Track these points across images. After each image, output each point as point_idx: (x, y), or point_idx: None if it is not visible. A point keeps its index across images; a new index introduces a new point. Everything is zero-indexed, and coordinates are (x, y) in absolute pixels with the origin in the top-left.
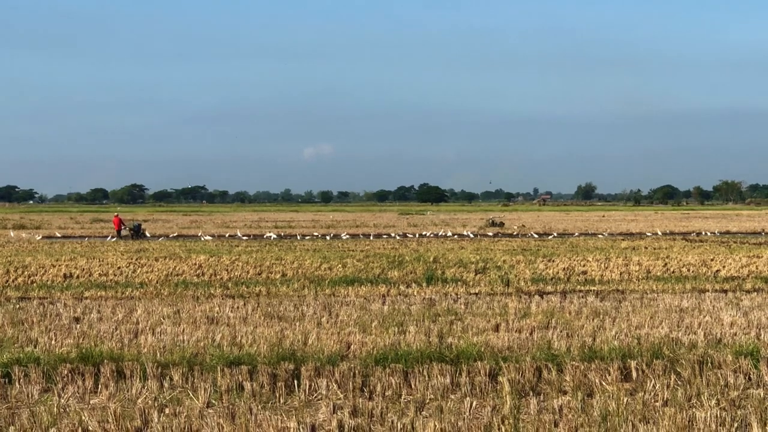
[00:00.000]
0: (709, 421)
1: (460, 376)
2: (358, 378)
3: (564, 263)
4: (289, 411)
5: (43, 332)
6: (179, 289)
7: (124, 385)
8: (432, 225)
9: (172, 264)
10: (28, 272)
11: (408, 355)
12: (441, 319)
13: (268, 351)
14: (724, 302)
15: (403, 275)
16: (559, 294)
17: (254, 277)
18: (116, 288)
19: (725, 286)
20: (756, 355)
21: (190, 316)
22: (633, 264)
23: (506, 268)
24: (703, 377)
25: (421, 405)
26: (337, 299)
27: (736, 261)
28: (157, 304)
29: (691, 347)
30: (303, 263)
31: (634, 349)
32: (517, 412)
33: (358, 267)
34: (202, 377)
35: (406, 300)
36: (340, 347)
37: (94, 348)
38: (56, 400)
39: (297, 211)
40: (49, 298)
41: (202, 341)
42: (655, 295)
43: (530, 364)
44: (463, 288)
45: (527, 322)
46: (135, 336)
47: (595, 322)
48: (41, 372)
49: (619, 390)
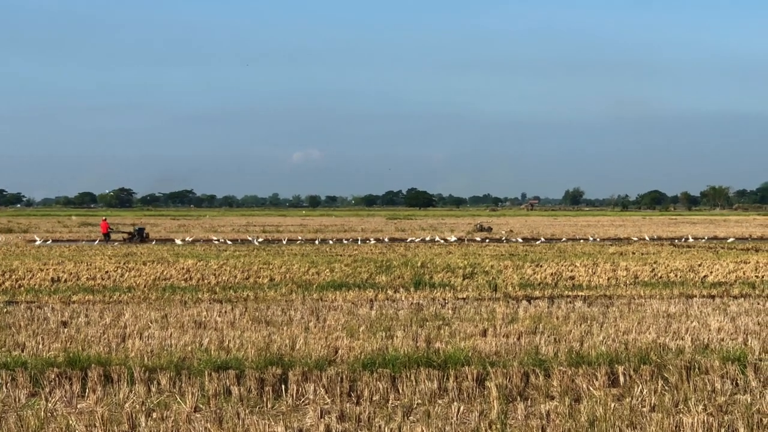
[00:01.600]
0: (696, 426)
1: (448, 381)
2: (345, 383)
3: (552, 268)
4: (276, 416)
5: (31, 336)
6: (167, 294)
7: (111, 389)
8: (420, 230)
9: (159, 268)
10: (16, 276)
11: (395, 359)
12: (429, 324)
13: (256, 355)
14: (712, 308)
15: (391, 280)
16: (547, 299)
17: (242, 282)
18: (104, 292)
19: (713, 292)
20: (743, 361)
21: (178, 320)
22: (621, 269)
23: (494, 273)
24: (690, 382)
25: (409, 410)
26: (324, 304)
27: (723, 266)
28: (145, 308)
29: (678, 353)
30: (290, 268)
31: (621, 354)
32: (505, 417)
33: (345, 272)
34: (189, 381)
35: (394, 305)
36: (327, 352)
37: (82, 352)
38: (43, 404)
39: (285, 216)
40: (37, 302)
41: (189, 345)
42: (642, 301)
43: (518, 369)
44: (451, 293)
45: (515, 327)
46: (122, 340)
47: (583, 328)
48: (28, 376)
49: (606, 395)
